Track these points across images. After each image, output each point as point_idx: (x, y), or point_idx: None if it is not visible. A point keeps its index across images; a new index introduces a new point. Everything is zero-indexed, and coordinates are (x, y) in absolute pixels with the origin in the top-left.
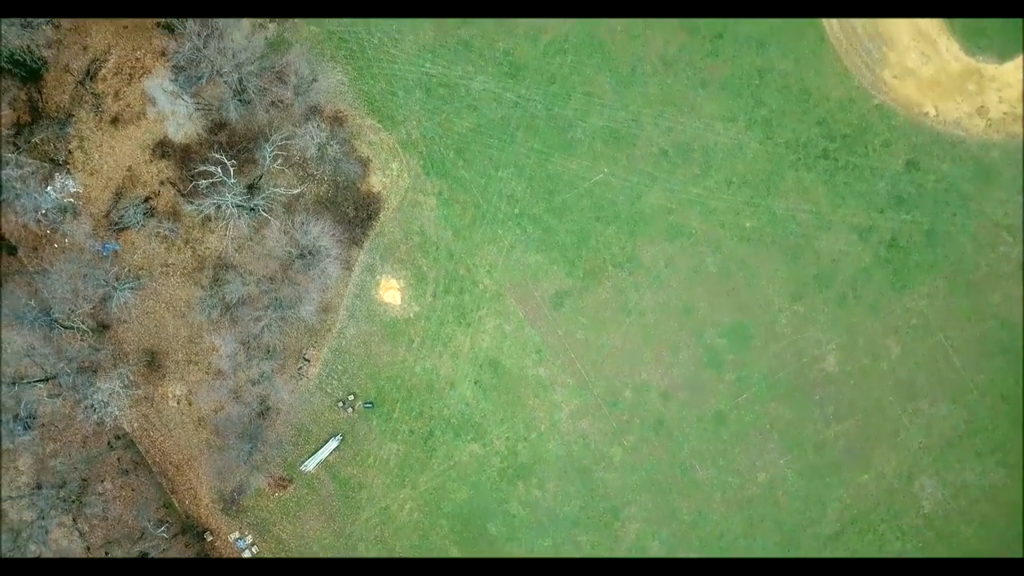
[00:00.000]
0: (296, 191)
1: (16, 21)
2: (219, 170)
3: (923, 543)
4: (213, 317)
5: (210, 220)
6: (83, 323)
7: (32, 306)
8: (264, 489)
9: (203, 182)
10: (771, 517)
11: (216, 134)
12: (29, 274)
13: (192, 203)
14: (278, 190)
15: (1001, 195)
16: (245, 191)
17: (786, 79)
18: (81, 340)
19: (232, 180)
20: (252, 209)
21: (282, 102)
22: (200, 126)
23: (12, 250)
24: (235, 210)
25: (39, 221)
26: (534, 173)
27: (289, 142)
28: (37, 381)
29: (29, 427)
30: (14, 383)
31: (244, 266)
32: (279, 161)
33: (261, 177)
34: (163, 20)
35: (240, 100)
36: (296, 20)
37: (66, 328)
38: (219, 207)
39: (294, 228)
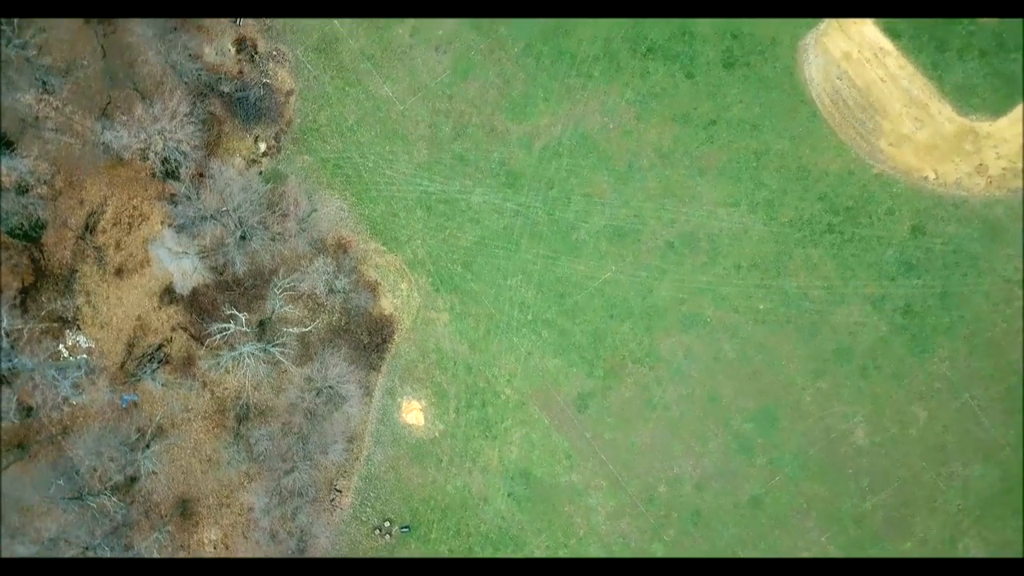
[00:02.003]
0: (308, 328)
1: (11, 188)
2: (232, 324)
3: None
4: (242, 470)
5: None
6: (112, 486)
7: (61, 485)
8: None
9: (218, 336)
10: None
11: (222, 274)
12: (52, 436)
13: (209, 352)
14: (290, 329)
15: (1009, 251)
16: (257, 327)
17: (783, 159)
18: (111, 499)
19: (245, 328)
20: (267, 350)
21: (284, 236)
22: (206, 274)
23: (28, 413)
24: (251, 358)
25: (60, 408)
26: (543, 278)
27: (297, 282)
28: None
29: None
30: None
31: (265, 403)
32: (288, 305)
33: (271, 316)
34: (158, 169)
35: (243, 239)
36: (289, 150)
37: (96, 498)
38: (235, 359)
39: (313, 374)
